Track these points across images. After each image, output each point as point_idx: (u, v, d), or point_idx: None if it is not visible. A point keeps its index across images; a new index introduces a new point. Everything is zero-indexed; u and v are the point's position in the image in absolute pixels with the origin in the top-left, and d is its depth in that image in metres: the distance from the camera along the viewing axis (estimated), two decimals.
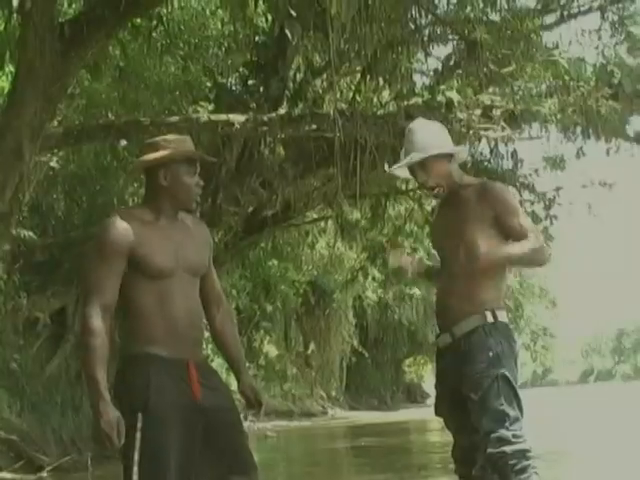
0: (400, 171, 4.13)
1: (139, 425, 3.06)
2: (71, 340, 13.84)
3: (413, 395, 46.02)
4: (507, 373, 3.74)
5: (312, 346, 30.40)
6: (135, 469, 3.01)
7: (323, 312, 30.04)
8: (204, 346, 3.57)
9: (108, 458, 13.45)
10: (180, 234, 3.33)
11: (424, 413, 29.50)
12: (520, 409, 3.77)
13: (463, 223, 3.84)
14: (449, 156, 3.97)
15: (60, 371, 13.65)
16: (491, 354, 3.73)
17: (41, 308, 13.23)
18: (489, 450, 3.65)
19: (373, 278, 20.40)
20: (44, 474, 11.50)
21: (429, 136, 3.96)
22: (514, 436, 3.65)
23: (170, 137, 3.40)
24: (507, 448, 3.62)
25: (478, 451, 3.70)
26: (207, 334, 3.66)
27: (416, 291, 28.67)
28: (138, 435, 3.05)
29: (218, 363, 11.34)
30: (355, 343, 34.06)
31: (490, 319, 3.78)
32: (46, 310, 13.32)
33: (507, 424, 3.67)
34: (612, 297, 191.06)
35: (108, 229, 3.21)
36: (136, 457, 3.03)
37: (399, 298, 32.21)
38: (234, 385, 3.64)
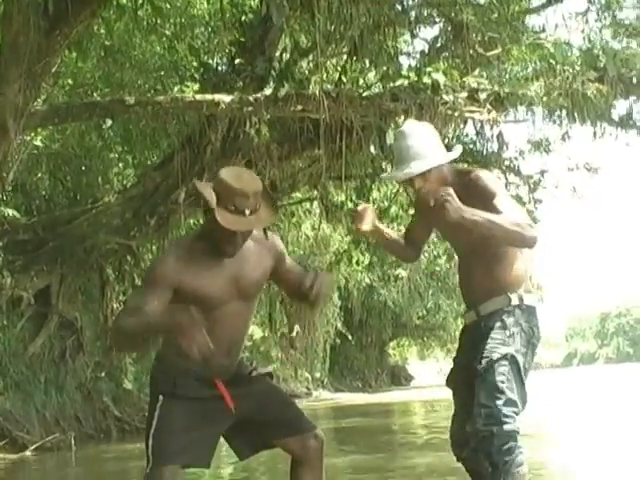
0: (393, 176, 4.15)
1: (159, 405, 3.46)
2: (55, 319, 13.83)
3: (397, 377, 46.23)
4: (517, 355, 3.79)
5: (297, 328, 30.37)
6: (150, 442, 3.41)
7: None
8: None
9: (91, 437, 13.51)
10: (235, 263, 3.39)
11: (408, 395, 29.68)
12: (520, 396, 3.78)
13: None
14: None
15: (44, 350, 13.65)
16: (507, 333, 3.81)
17: (25, 287, 13.19)
18: (477, 425, 3.69)
19: (357, 262, 20.34)
20: (27, 453, 11.52)
21: (426, 143, 3.89)
22: (504, 415, 3.68)
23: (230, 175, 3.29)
24: (495, 428, 3.65)
25: (471, 426, 3.74)
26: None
27: (401, 272, 28.58)
28: (156, 413, 3.45)
29: None
30: (339, 325, 34.09)
31: (515, 301, 3.88)
32: (30, 289, 13.29)
33: (501, 402, 3.69)
34: (596, 281, 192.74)
35: (158, 264, 3.39)
36: (152, 431, 3.43)
37: (384, 279, 32.17)
38: None
